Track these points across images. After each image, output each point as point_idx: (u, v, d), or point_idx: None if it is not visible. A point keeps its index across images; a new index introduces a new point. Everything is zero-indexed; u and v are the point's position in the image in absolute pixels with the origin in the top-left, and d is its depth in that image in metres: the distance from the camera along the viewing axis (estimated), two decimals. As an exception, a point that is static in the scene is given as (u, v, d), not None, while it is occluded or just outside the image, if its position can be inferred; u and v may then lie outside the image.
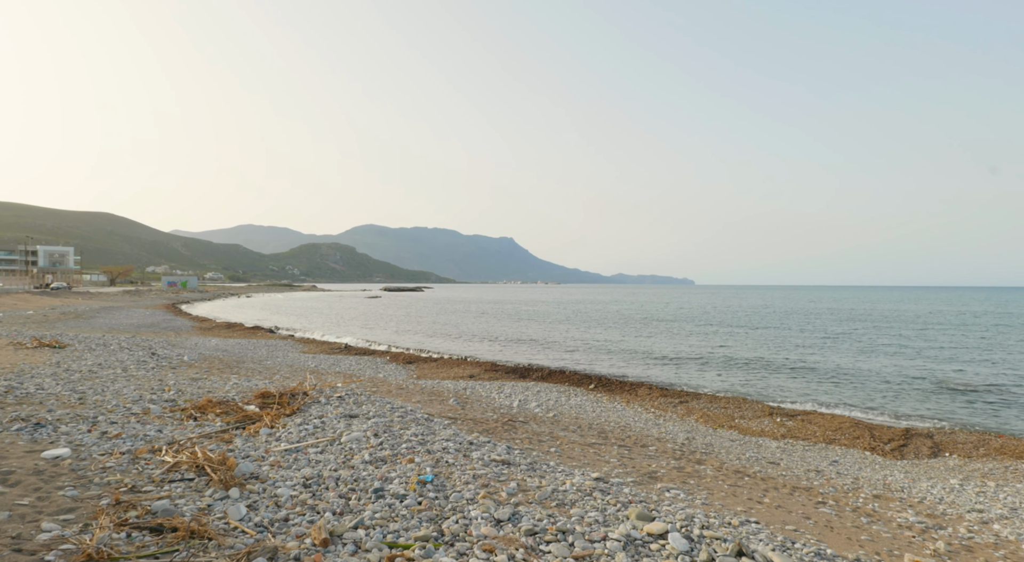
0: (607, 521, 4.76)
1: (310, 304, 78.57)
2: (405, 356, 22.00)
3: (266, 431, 7.14)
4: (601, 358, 24.21)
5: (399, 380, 16.14)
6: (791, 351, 26.71)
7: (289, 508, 4.60)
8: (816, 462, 9.82)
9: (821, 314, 60.01)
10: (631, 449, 9.09)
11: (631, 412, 13.21)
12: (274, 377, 13.93)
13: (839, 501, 7.34)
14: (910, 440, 11.36)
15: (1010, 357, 24.84)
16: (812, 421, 12.72)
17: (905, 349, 27.77)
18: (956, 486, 8.64)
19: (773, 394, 16.47)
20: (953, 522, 6.87)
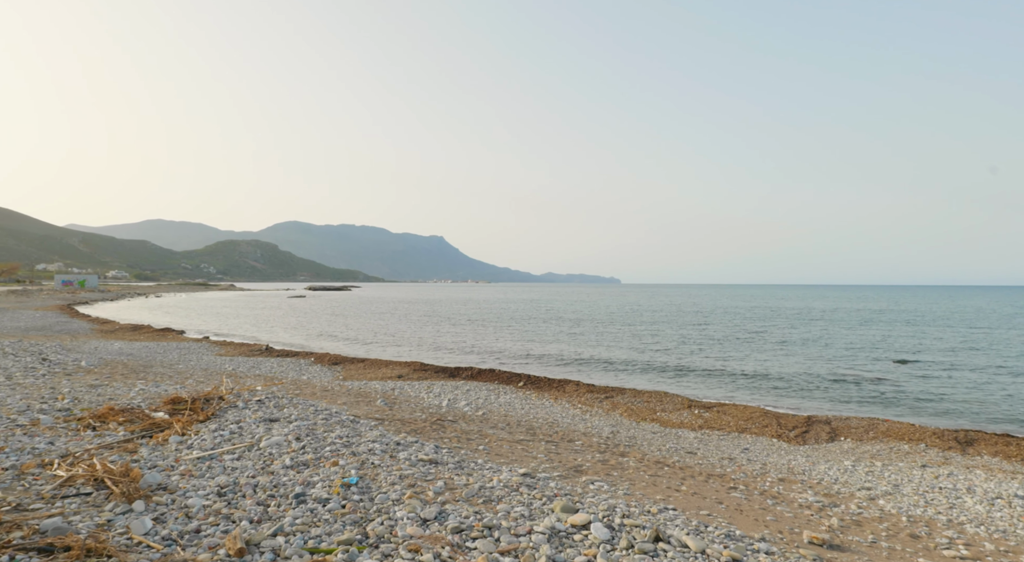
0: (533, 515, 4.84)
1: (228, 304, 74.35)
2: (331, 357, 21.32)
3: (176, 439, 6.70)
4: (531, 356, 24.55)
5: (324, 382, 15.62)
6: (709, 346, 28.23)
7: (201, 519, 4.35)
8: (729, 450, 10.44)
9: (740, 311, 63.77)
10: (558, 444, 9.29)
11: (559, 409, 13.49)
12: (187, 382, 13.09)
13: (749, 485, 7.84)
14: (811, 427, 12.31)
15: (899, 348, 27.49)
16: (726, 412, 13.51)
17: (811, 343, 30.05)
18: (849, 467, 9.46)
19: (692, 387, 17.36)
20: (846, 500, 7.53)
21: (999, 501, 7.65)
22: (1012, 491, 8.06)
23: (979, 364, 22.26)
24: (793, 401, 15.60)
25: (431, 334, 34.95)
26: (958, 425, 13.01)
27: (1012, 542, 6.19)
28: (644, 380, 18.62)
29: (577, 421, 12.17)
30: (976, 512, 7.20)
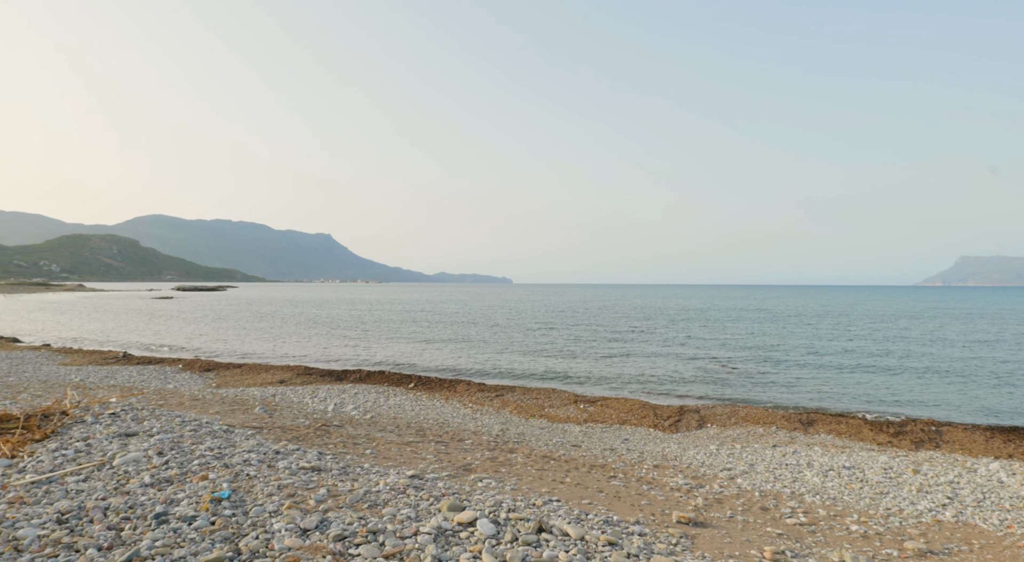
0: (419, 516, 4.81)
1: (75, 307, 65.51)
2: (202, 363, 19.59)
3: (4, 462, 5.80)
4: (422, 358, 24.28)
5: (194, 390, 14.33)
6: (597, 343, 29.66)
7: (35, 552, 3.80)
8: (611, 441, 11.06)
9: (627, 310, 67.55)
10: (448, 444, 9.28)
11: (450, 409, 13.48)
12: (19, 396, 11.36)
13: (627, 473, 8.37)
14: (683, 416, 13.39)
15: (764, 342, 30.69)
16: (609, 405, 14.29)
17: (691, 339, 32.61)
18: (714, 450, 10.41)
19: (579, 383, 18.16)
20: (710, 480, 8.28)
21: (831, 472, 8.83)
22: (841, 463, 9.34)
23: (826, 353, 25.53)
24: (669, 392, 16.86)
25: (317, 336, 33.33)
26: (805, 407, 14.81)
27: (840, 507, 7.17)
28: (534, 378, 19.15)
29: (468, 420, 12.24)
30: (813, 484, 8.26)
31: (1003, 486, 7.97)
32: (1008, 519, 6.68)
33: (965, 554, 5.66)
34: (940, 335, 35.36)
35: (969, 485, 8.00)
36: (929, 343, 30.74)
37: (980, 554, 5.68)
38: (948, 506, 7.16)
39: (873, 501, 7.45)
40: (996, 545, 5.94)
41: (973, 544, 5.96)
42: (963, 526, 6.53)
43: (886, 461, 9.59)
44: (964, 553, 5.69)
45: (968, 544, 5.95)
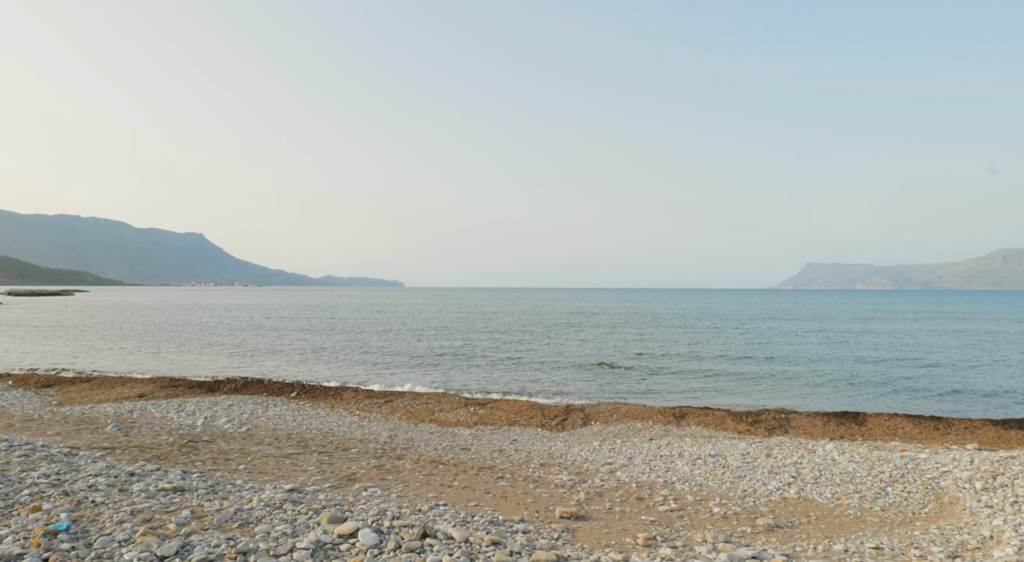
0: (296, 532, 4.55)
1: None
2: (40, 378, 17.10)
3: None
4: (308, 365, 23.06)
5: (28, 409, 12.47)
6: (489, 346, 29.95)
7: None
8: (500, 443, 11.20)
9: (521, 313, 68.73)
10: (332, 455, 8.89)
11: (335, 417, 12.92)
12: None
13: (514, 473, 8.53)
14: (569, 414, 13.91)
15: (646, 343, 32.70)
16: (499, 407, 14.48)
17: (583, 341, 33.91)
18: (596, 446, 10.92)
19: (470, 386, 18.22)
20: (592, 475, 8.68)
21: (699, 461, 9.62)
22: (707, 452, 10.21)
23: (700, 352, 27.81)
24: (556, 392, 17.45)
25: (187, 345, 30.42)
26: (679, 402, 16.01)
27: (705, 492, 7.84)
28: (424, 382, 18.93)
29: (354, 428, 11.80)
30: (684, 472, 8.94)
31: (835, 464, 9.17)
32: (838, 492, 7.69)
33: (804, 526, 6.43)
34: (792, 332, 39.96)
35: (809, 465, 9.11)
36: (782, 341, 34.59)
37: (816, 524, 6.48)
38: (792, 484, 8.10)
39: (733, 484, 8.22)
40: (828, 516, 6.81)
41: (811, 516, 6.79)
42: (803, 501, 7.41)
43: (744, 448, 10.62)
44: (803, 525, 6.46)
45: (807, 516, 6.77)
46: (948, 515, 6.61)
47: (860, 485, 7.94)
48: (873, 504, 7.19)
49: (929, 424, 12.98)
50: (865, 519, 6.65)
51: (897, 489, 7.69)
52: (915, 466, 8.64)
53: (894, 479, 8.08)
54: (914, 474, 8.23)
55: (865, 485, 7.94)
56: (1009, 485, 7.09)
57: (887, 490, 7.68)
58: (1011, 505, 6.29)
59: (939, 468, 8.39)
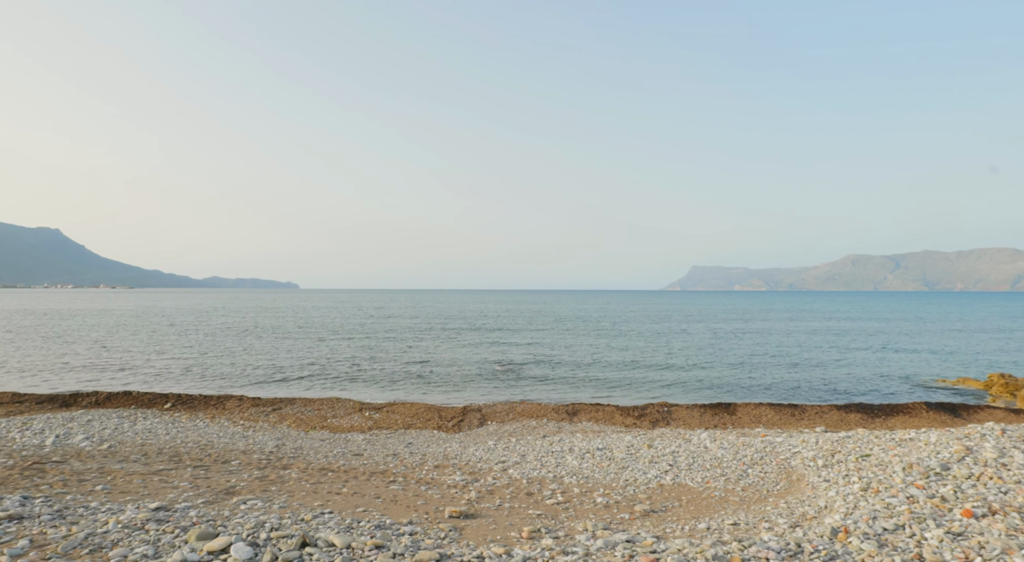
0: (160, 552, 4.22)
1: None
2: None
3: None
4: (188, 374, 21.27)
5: None
6: (387, 350, 29.29)
7: None
8: (395, 447, 11.04)
9: (423, 316, 67.71)
10: (209, 468, 8.30)
11: (216, 428, 12.03)
12: None
13: (407, 476, 8.45)
14: (466, 415, 13.99)
15: (545, 343, 33.50)
16: (396, 411, 14.25)
17: (482, 343, 34.06)
18: (492, 445, 11.09)
19: (367, 390, 17.74)
20: (485, 474, 8.81)
21: (587, 455, 10.08)
22: (596, 446, 10.73)
23: (597, 350, 29.00)
24: (455, 394, 17.47)
25: (32, 356, 26.87)
26: (572, 399, 16.63)
27: (591, 484, 8.24)
28: (319, 387, 18.17)
29: (237, 439, 11.07)
30: (573, 466, 9.34)
31: (707, 451, 10.01)
32: (707, 476, 8.41)
33: (676, 509, 6.98)
34: (680, 331, 42.89)
35: (685, 453, 9.87)
36: (671, 339, 37.03)
37: (686, 507, 7.05)
38: (669, 472, 8.74)
39: (617, 475, 8.71)
40: (698, 499, 7.44)
41: (683, 500, 7.38)
42: (678, 487, 8.03)
43: (630, 440, 11.29)
44: (676, 508, 7.01)
45: (679, 500, 7.34)
46: (796, 490, 7.47)
47: (726, 469, 8.74)
48: (736, 485, 7.95)
49: (787, 411, 14.54)
50: (728, 499, 7.33)
51: (756, 470, 8.56)
52: (772, 449, 9.66)
53: (754, 462, 8.99)
54: (771, 456, 9.20)
55: (730, 469, 8.75)
56: (844, 461, 8.15)
57: (748, 472, 8.52)
58: (843, 478, 7.23)
59: (791, 450, 9.45)
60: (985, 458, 7.22)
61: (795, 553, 4.39)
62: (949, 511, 5.40)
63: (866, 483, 6.69)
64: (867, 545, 4.48)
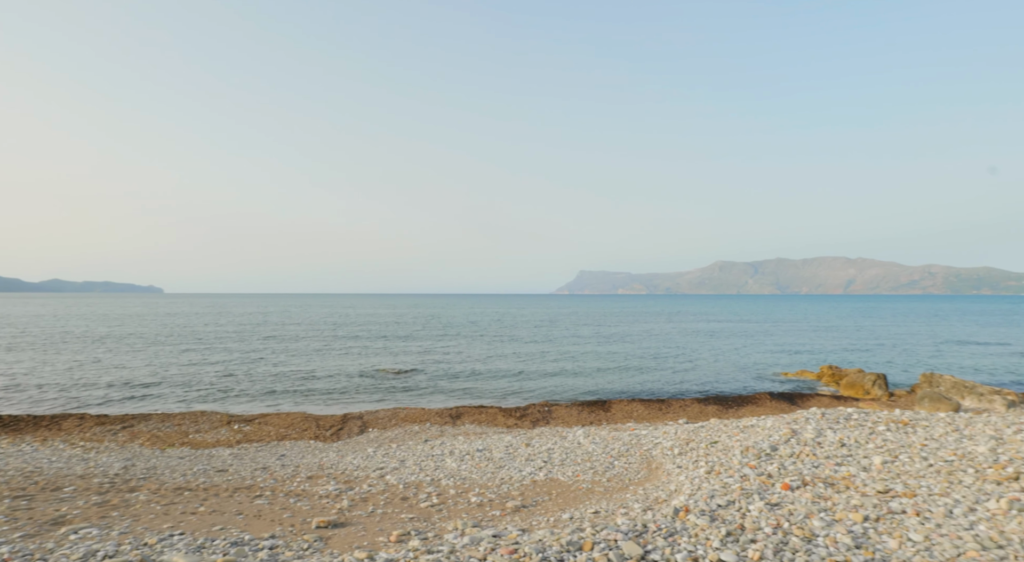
0: (-44, 595, 3.68)
1: None
2: None
3: None
4: (13, 391, 18.47)
5: None
6: (262, 357, 27.47)
7: None
8: (266, 460, 10.42)
9: (303, 321, 64.06)
10: (34, 498, 7.31)
11: (48, 452, 10.59)
12: None
13: (276, 490, 8.03)
14: (346, 423, 13.55)
15: (432, 348, 33.17)
16: (269, 422, 13.45)
17: (367, 348, 32.96)
18: (371, 453, 10.85)
19: (236, 403, 16.55)
20: (361, 482, 8.61)
21: (467, 456, 10.20)
22: (476, 447, 10.88)
23: (486, 352, 29.26)
24: (335, 402, 16.83)
25: None
26: (456, 403, 16.70)
27: (467, 484, 8.35)
28: (180, 402, 16.63)
29: (75, 463, 9.84)
30: (451, 469, 9.40)
31: (580, 446, 10.56)
32: (578, 470, 8.88)
33: (546, 503, 7.30)
34: (567, 334, 44.61)
35: (559, 450, 10.33)
36: (558, 341, 38.40)
37: (555, 500, 7.40)
38: (543, 468, 9.11)
39: (494, 474, 8.91)
40: (567, 492, 7.83)
41: (553, 494, 7.73)
42: (550, 482, 8.39)
43: (510, 440, 11.58)
44: (546, 502, 7.33)
45: (549, 495, 7.69)
46: (654, 478, 8.12)
47: (595, 462, 9.28)
48: (602, 477, 8.47)
49: (656, 406, 15.71)
50: (594, 490, 7.80)
51: (622, 462, 9.18)
52: (637, 441, 10.41)
53: (620, 454, 9.63)
54: (635, 448, 9.91)
55: (599, 462, 9.31)
56: (696, 448, 9.00)
57: (614, 463, 9.11)
58: (692, 463, 7.99)
59: (653, 441, 10.25)
60: (805, 438, 8.32)
61: (640, 532, 4.79)
62: (772, 486, 6.18)
63: (710, 466, 7.45)
64: (701, 520, 5.01)
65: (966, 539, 4.30)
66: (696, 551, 4.35)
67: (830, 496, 5.67)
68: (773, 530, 4.70)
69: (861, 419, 9.99)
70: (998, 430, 8.87)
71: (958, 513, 4.94)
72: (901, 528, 4.64)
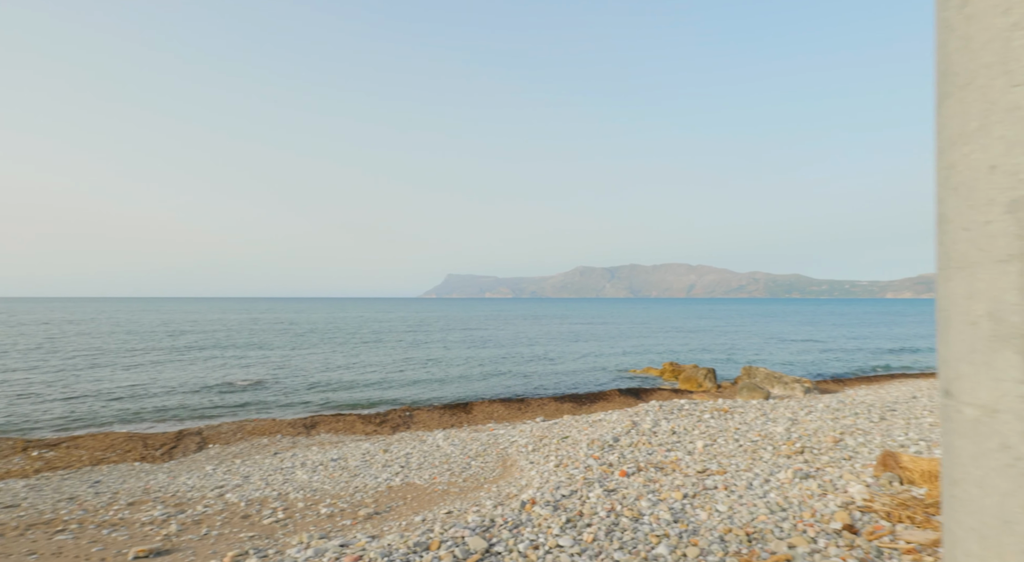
0: None
1: None
2: None
3: None
4: None
5: None
6: (72, 371, 23.73)
7: None
8: (75, 488, 9.03)
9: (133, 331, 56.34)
10: None
11: None
12: None
13: (85, 522, 7.01)
14: (181, 441, 12.21)
15: (296, 354, 30.95)
16: (81, 445, 11.66)
17: (220, 358, 29.84)
18: (210, 471, 9.89)
19: (37, 426, 14.12)
20: (195, 503, 7.81)
21: (320, 467, 9.72)
22: (330, 457, 10.41)
23: (348, 359, 27.95)
24: (170, 418, 15.09)
25: None
26: (313, 412, 15.81)
27: (318, 496, 7.95)
28: (-38, 427, 13.80)
29: None
30: (302, 481, 8.89)
31: (439, 449, 10.57)
32: (435, 473, 8.88)
33: (400, 507, 7.20)
34: (435, 338, 44.28)
35: (418, 453, 10.25)
36: (425, 345, 37.99)
37: (410, 504, 7.33)
38: (399, 473, 8.97)
39: (348, 484, 8.59)
40: (423, 495, 7.79)
41: (408, 498, 7.65)
42: (406, 487, 8.29)
43: (367, 447, 11.24)
44: (400, 507, 7.23)
45: (404, 499, 7.59)
46: (508, 475, 8.38)
47: (453, 464, 9.35)
48: (459, 477, 8.56)
49: (516, 405, 16.22)
50: (449, 491, 7.86)
51: (479, 462, 9.36)
52: (495, 441, 10.68)
53: (478, 454, 9.81)
54: (493, 447, 10.16)
55: (456, 463, 9.39)
56: (548, 444, 9.45)
57: (471, 464, 9.26)
58: (544, 458, 8.40)
59: (510, 440, 10.58)
60: (643, 429, 9.13)
61: (488, 527, 4.92)
62: (611, 474, 6.69)
63: (559, 460, 7.88)
64: (545, 510, 5.27)
65: (759, 506, 5.02)
66: (538, 539, 4.57)
67: (659, 479, 6.28)
68: (607, 513, 5.10)
69: (691, 409, 11.21)
70: (794, 412, 10.47)
71: (756, 484, 5.75)
72: (712, 501, 5.28)
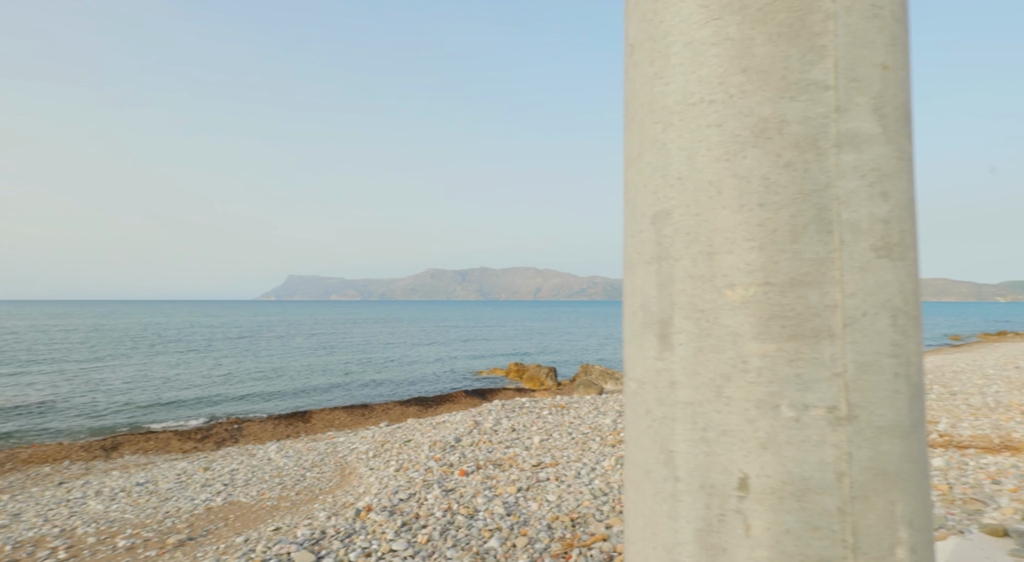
0: None
1: None
2: None
3: None
4: None
5: None
6: None
7: None
8: None
9: None
10: None
11: None
12: None
13: None
14: (-76, 477, 9.80)
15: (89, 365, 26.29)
16: None
17: (-41, 373, 24.25)
18: (-36, 512, 8.06)
19: None
20: (-61, 553, 6.31)
21: (121, 494, 8.43)
22: (135, 481, 9.08)
23: (167, 370, 24.48)
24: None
25: None
26: (114, 431, 13.67)
27: (116, 527, 6.89)
28: None
29: None
30: (95, 512, 7.63)
31: (270, 463, 9.78)
32: (263, 488, 8.19)
33: (221, 529, 6.52)
34: (271, 344, 40.87)
35: (245, 469, 9.38)
36: (256, 352, 34.92)
37: (232, 525, 6.67)
38: (221, 492, 8.12)
39: (156, 509, 7.56)
40: (248, 513, 7.14)
41: (231, 518, 6.95)
42: (229, 506, 7.53)
43: (184, 467, 10.02)
44: (220, 529, 6.54)
45: (226, 520, 6.89)
46: (346, 484, 8.03)
47: (285, 477, 8.72)
48: (291, 491, 8.00)
49: (359, 412, 15.63)
50: (280, 506, 7.30)
51: (314, 472, 8.84)
52: (334, 449, 10.18)
53: (314, 464, 9.27)
54: (331, 456, 9.67)
55: (289, 476, 8.77)
56: (390, 449, 9.25)
57: (306, 475, 8.71)
58: (384, 464, 8.20)
59: (350, 447, 10.16)
60: (485, 428, 9.35)
61: (318, 539, 4.66)
62: (451, 474, 6.74)
63: (400, 464, 7.75)
64: (381, 516, 5.14)
65: (585, 493, 5.40)
66: (371, 546, 4.44)
67: (496, 475, 6.47)
68: (444, 513, 5.12)
69: (531, 406, 11.75)
70: (622, 405, 11.48)
71: (584, 473, 6.19)
72: (543, 492, 5.57)
